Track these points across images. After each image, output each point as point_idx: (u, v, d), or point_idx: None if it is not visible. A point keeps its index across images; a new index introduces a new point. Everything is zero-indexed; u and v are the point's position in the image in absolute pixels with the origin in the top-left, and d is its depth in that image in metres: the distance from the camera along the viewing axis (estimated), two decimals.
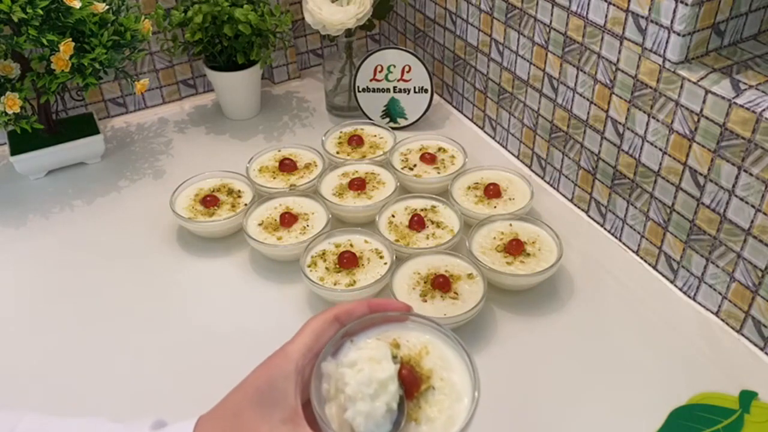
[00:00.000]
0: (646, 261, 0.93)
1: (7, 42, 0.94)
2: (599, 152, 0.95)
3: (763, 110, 0.71)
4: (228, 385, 0.49)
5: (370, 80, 1.19)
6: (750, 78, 0.76)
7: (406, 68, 1.17)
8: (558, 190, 1.06)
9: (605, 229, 0.99)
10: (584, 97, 0.94)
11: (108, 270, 0.95)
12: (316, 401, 0.45)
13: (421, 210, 0.97)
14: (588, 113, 0.94)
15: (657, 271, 0.92)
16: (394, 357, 0.46)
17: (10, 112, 0.97)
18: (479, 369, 0.47)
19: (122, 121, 1.26)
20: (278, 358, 0.47)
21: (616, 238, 0.97)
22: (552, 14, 0.94)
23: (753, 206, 0.75)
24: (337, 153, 1.10)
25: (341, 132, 1.15)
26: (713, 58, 0.80)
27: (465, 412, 0.45)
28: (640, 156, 0.88)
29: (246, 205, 0.98)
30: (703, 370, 0.78)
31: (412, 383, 0.45)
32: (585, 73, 0.92)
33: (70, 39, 0.95)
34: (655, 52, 0.81)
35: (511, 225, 0.93)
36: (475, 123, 1.23)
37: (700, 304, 0.87)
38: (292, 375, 0.45)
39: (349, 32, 1.19)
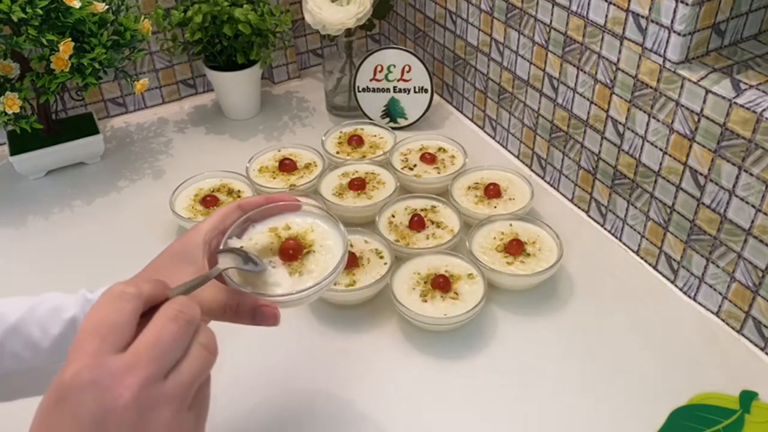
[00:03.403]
0: (646, 261, 0.93)
1: (6, 42, 0.94)
2: (599, 152, 0.94)
3: (764, 110, 0.71)
4: (225, 384, 0.48)
5: (370, 80, 1.19)
6: (750, 78, 0.76)
7: (406, 68, 1.17)
8: (558, 190, 1.06)
9: (605, 229, 0.99)
10: (584, 97, 0.94)
11: (107, 270, 0.94)
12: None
13: (421, 210, 0.96)
14: (588, 113, 0.94)
15: (657, 271, 0.92)
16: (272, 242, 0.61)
17: (9, 112, 0.97)
18: (479, 369, 0.47)
19: (122, 120, 1.26)
20: (191, 232, 0.59)
21: (616, 238, 0.97)
22: (552, 14, 0.94)
23: (753, 206, 0.75)
24: (337, 153, 1.10)
25: (341, 132, 1.15)
26: (713, 58, 0.80)
27: (337, 260, 0.59)
28: (640, 156, 0.88)
29: None
30: (704, 370, 0.78)
31: (296, 249, 0.60)
32: (585, 72, 0.92)
33: (70, 39, 0.95)
34: (655, 52, 0.81)
35: (511, 225, 0.93)
36: (475, 123, 1.23)
37: (700, 304, 0.87)
38: (200, 244, 0.58)
39: (349, 32, 1.19)
